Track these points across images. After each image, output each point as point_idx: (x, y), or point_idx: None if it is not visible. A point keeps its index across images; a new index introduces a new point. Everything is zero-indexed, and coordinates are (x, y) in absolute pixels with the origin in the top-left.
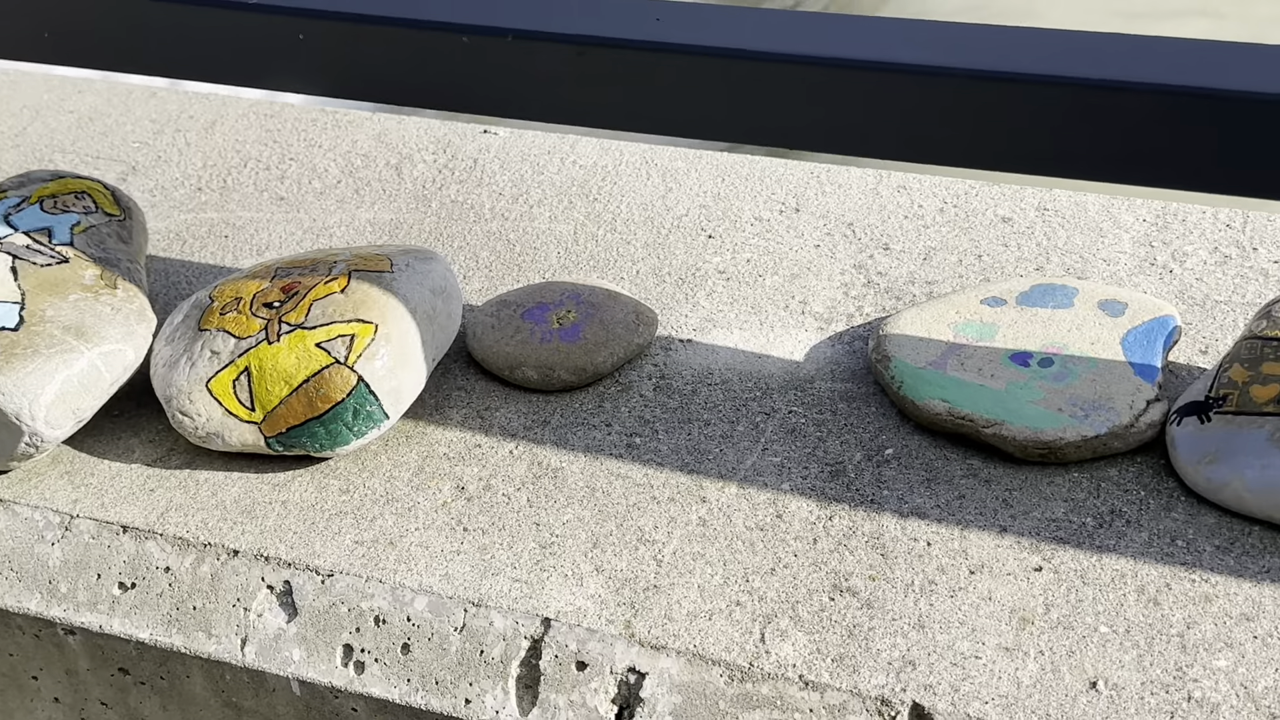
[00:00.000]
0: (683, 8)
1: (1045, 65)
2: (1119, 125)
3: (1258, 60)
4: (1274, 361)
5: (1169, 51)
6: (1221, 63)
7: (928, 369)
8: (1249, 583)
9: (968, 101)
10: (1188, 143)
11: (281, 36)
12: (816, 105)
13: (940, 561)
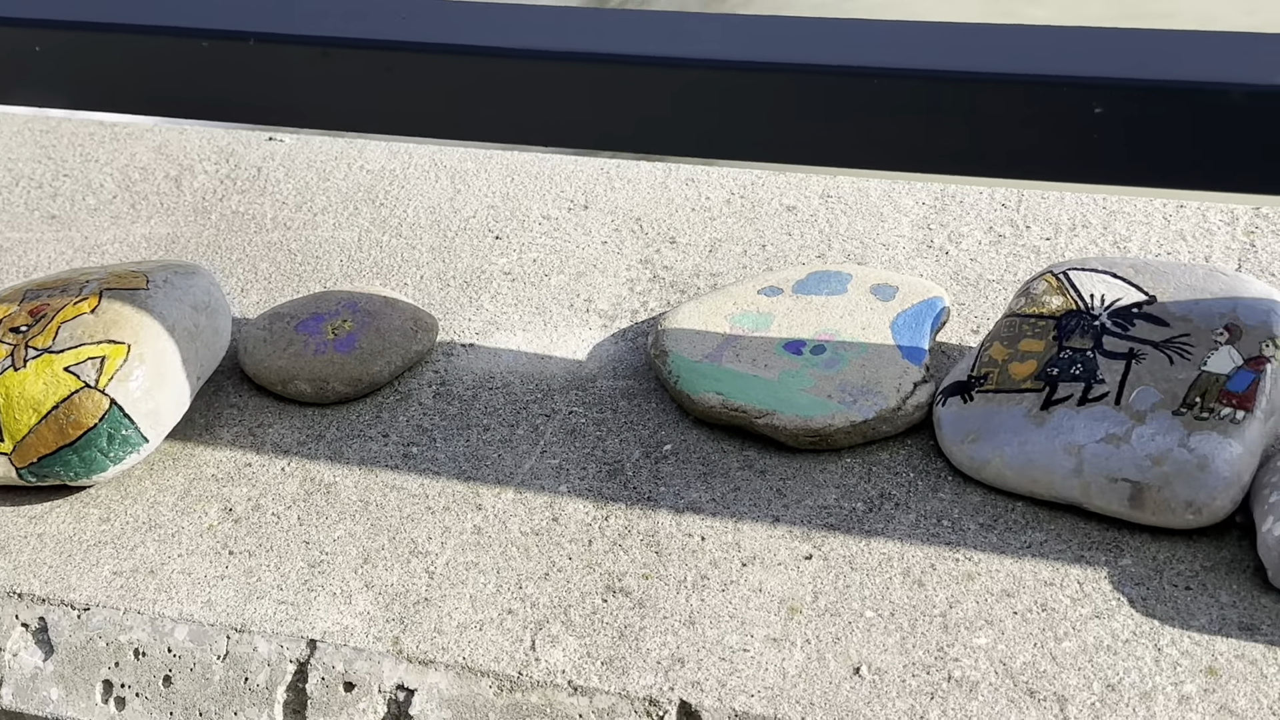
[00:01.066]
0: (433, 5)
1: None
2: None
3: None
4: (1032, 338)
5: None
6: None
7: (703, 362)
8: (1010, 559)
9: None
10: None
11: (16, 49)
12: (550, 102)
13: (714, 555)
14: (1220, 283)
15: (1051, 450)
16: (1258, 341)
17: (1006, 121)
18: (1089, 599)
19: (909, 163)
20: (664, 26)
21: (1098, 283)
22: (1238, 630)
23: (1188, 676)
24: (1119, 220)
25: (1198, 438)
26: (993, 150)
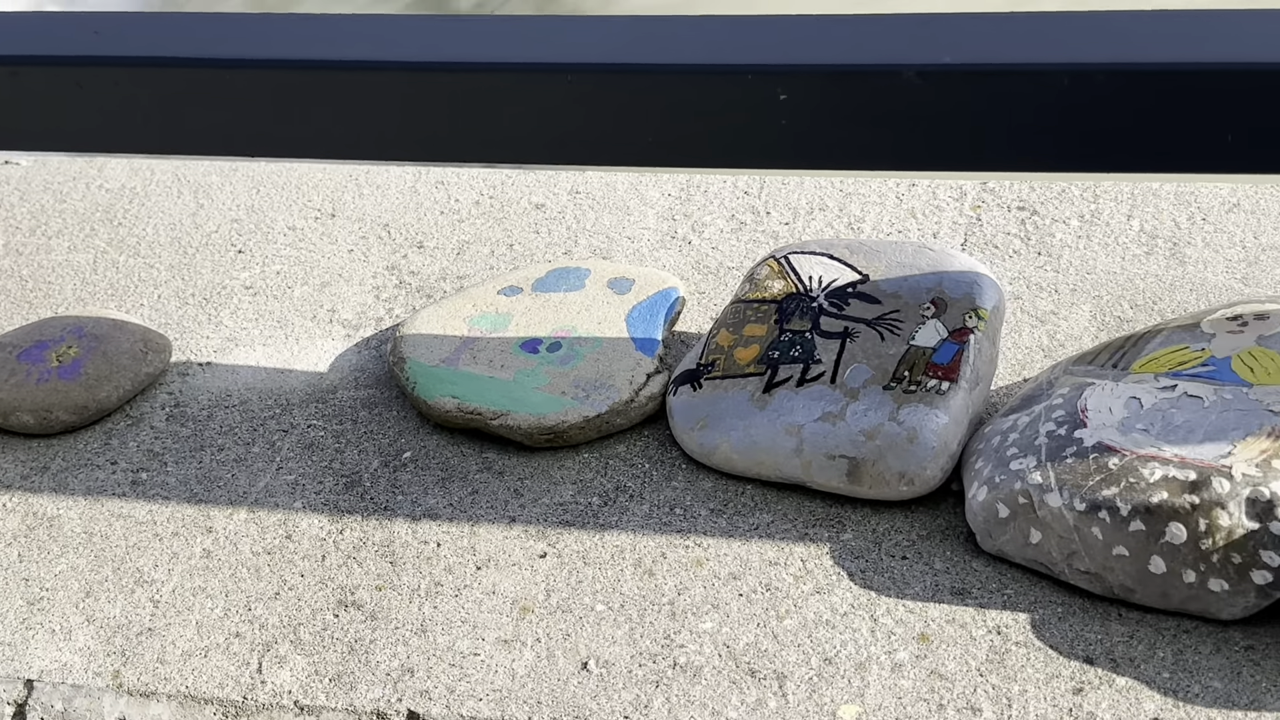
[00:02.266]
0: (120, 18)
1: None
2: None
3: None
4: (755, 323)
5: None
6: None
7: (440, 366)
8: (738, 542)
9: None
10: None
11: None
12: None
13: (449, 561)
14: (928, 258)
15: (774, 432)
16: (962, 314)
17: (694, 110)
18: (811, 576)
19: (590, 157)
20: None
21: (816, 265)
22: (950, 595)
23: (901, 644)
24: (854, 201)
25: (906, 410)
26: (681, 139)
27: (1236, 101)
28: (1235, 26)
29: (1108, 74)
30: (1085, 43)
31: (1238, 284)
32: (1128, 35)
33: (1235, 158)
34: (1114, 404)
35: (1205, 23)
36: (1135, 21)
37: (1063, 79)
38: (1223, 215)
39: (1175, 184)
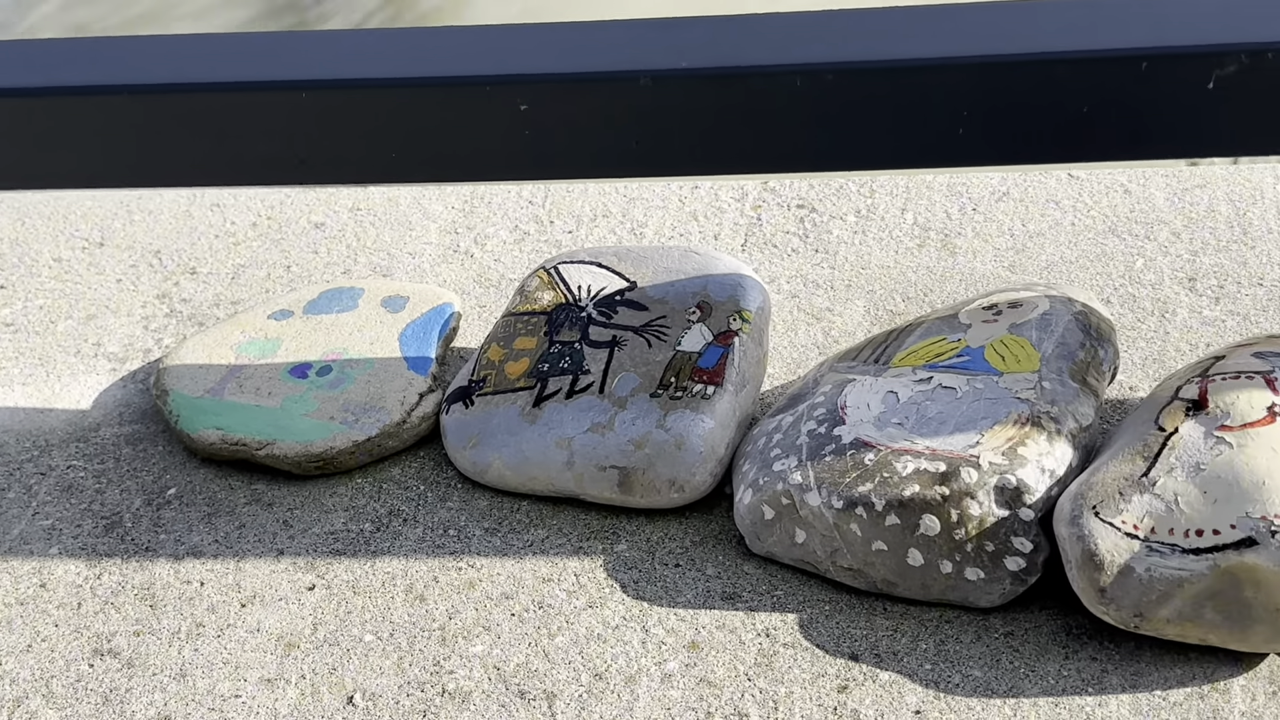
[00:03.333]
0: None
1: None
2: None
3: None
4: (526, 336)
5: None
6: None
7: (205, 397)
8: (512, 560)
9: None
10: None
11: None
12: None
13: (212, 600)
14: (694, 262)
15: (545, 446)
16: (726, 316)
17: (438, 122)
18: (584, 590)
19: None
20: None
21: (585, 274)
22: (721, 601)
23: (671, 654)
24: (637, 206)
25: (673, 417)
26: (431, 152)
27: (966, 94)
28: (960, 21)
29: (836, 73)
30: (815, 43)
31: (1005, 272)
32: (853, 34)
33: (968, 150)
34: (872, 399)
35: (928, 19)
36: (859, 20)
37: (795, 79)
38: (992, 205)
39: (948, 176)
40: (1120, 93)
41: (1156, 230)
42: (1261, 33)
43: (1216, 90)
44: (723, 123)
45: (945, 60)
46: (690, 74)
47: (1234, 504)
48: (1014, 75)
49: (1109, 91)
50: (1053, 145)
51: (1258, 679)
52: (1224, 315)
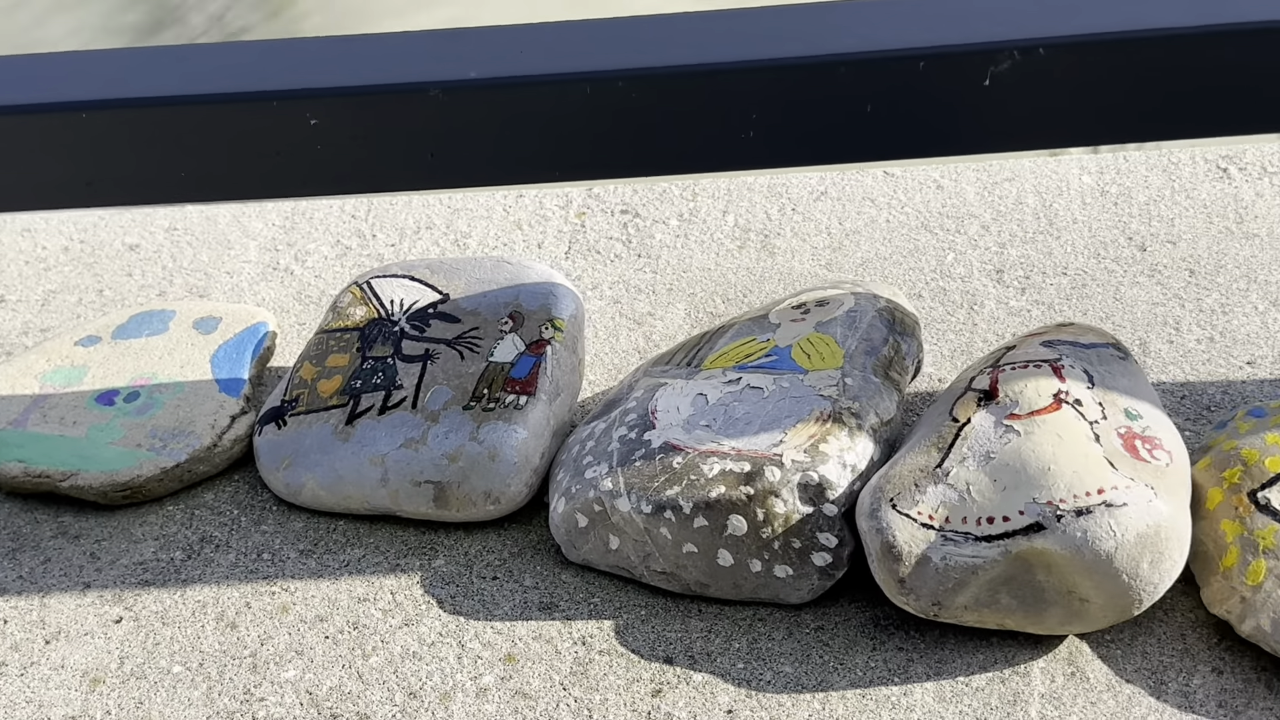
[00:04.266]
0: None
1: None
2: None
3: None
4: (338, 353)
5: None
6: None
7: (7, 429)
8: (327, 582)
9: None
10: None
11: None
12: None
13: (15, 638)
14: (507, 272)
15: (359, 464)
16: (538, 325)
17: (228, 139)
18: (400, 608)
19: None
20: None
21: (398, 288)
22: (538, 611)
23: (487, 668)
24: (461, 217)
25: (486, 429)
26: (220, 171)
27: (753, 98)
28: (744, 25)
29: (626, 79)
30: (605, 51)
31: (822, 270)
32: (643, 41)
33: (756, 153)
34: (682, 403)
35: (714, 24)
36: (649, 27)
37: (585, 87)
38: (811, 204)
39: (769, 177)
40: (901, 92)
41: (967, 224)
42: (1032, 29)
43: (993, 87)
44: (515, 131)
45: (731, 65)
46: (479, 84)
47: (1022, 490)
48: (798, 78)
49: (890, 91)
50: (839, 145)
51: (1056, 660)
52: (1029, 305)
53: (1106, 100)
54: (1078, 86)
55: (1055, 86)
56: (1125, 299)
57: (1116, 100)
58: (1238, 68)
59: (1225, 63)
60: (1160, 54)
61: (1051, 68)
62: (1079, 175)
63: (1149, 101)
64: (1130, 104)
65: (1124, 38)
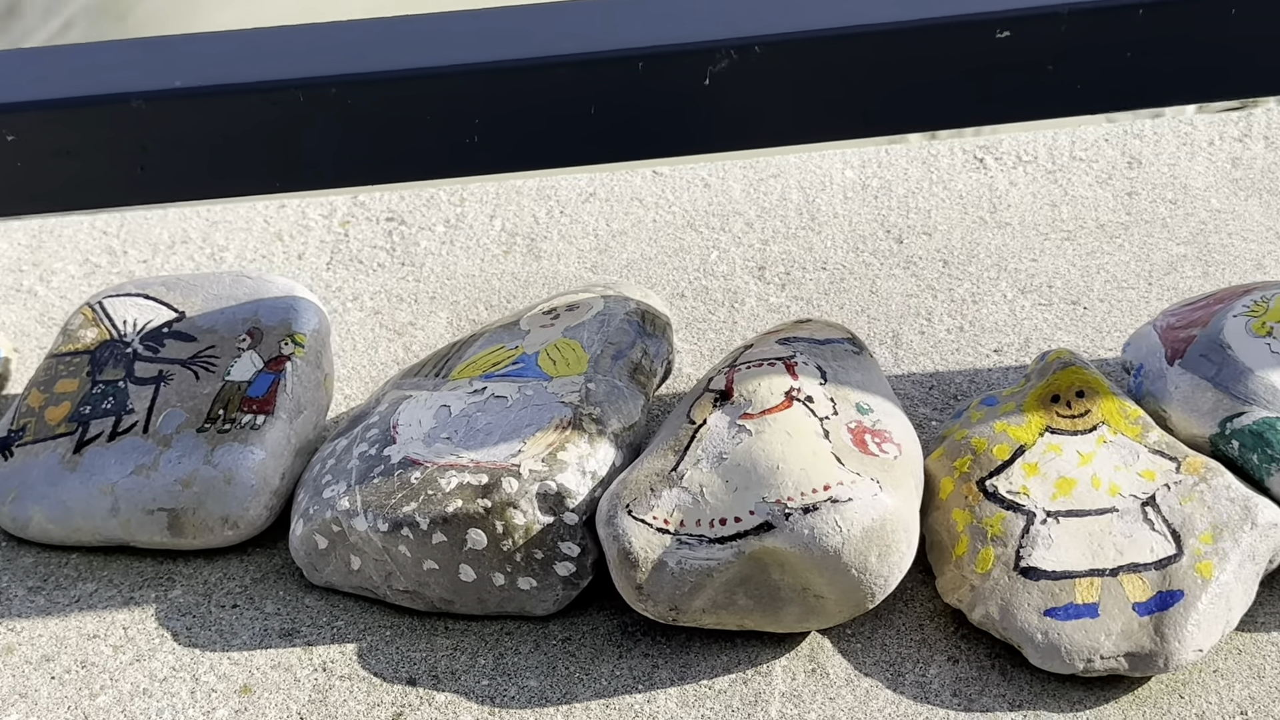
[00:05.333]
0: None
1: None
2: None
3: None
4: (68, 378)
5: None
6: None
7: None
8: (56, 619)
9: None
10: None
11: None
12: None
13: None
14: (246, 287)
15: (88, 494)
16: (278, 341)
17: None
18: (132, 643)
19: None
20: None
21: (131, 307)
22: (279, 638)
23: (221, 701)
24: (219, 230)
25: (221, 451)
26: None
27: (473, 102)
28: (460, 28)
29: (339, 85)
30: (318, 57)
31: (588, 273)
32: (358, 46)
33: (481, 158)
34: (424, 415)
35: (429, 27)
36: (365, 31)
37: (297, 95)
38: (579, 206)
39: (538, 180)
40: (622, 93)
41: (732, 221)
42: (746, 28)
43: (714, 86)
44: (227, 141)
45: (448, 69)
46: (185, 93)
47: (752, 490)
48: (518, 80)
49: (611, 92)
50: (565, 148)
51: (799, 658)
52: (789, 301)
53: (826, 96)
54: (796, 83)
55: (774, 84)
56: (880, 291)
57: (837, 96)
58: (949, 60)
59: (939, 56)
60: (874, 49)
61: (769, 66)
62: (841, 170)
63: (868, 96)
64: (851, 99)
65: (839, 34)
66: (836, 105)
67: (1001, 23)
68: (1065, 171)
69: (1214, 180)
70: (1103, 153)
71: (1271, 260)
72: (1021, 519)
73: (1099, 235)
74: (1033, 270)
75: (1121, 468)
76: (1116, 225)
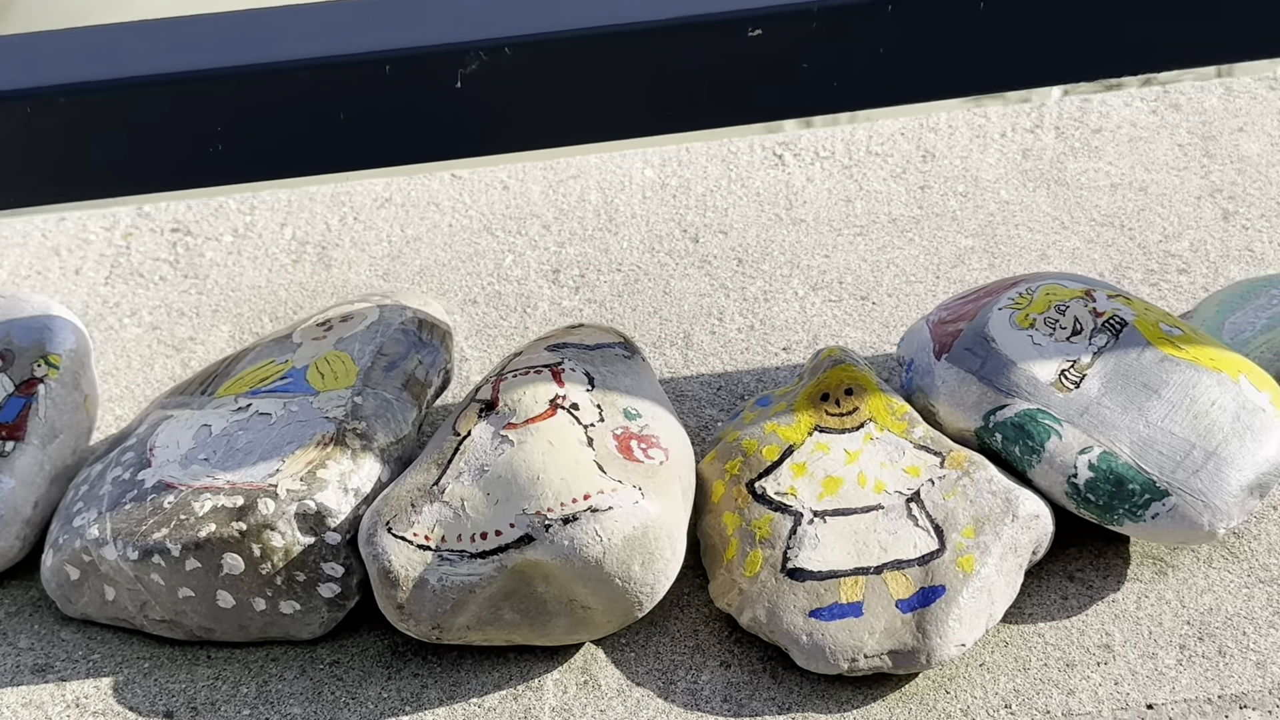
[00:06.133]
0: None
1: None
2: None
3: None
4: None
5: None
6: None
7: None
8: None
9: None
10: None
11: None
12: None
13: None
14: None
15: None
16: (30, 363)
17: None
18: None
19: None
20: None
21: None
22: (31, 674)
23: None
24: None
25: None
26: None
27: (216, 112)
28: (198, 32)
29: (68, 94)
30: (43, 67)
31: (379, 281)
32: (92, 53)
33: (232, 168)
34: (184, 436)
35: (172, 31)
36: (90, 39)
37: (24, 107)
38: (374, 212)
39: (332, 186)
40: (371, 98)
41: (529, 224)
42: (496, 29)
43: (466, 88)
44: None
45: (182, 75)
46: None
47: (513, 502)
48: (259, 85)
49: (359, 98)
50: (316, 154)
51: (571, 670)
52: (582, 304)
53: (580, 97)
54: (549, 85)
55: (527, 85)
56: (674, 291)
57: (591, 96)
58: (702, 59)
59: (691, 55)
60: (626, 48)
61: (521, 67)
62: (641, 169)
63: (622, 97)
64: (605, 100)
65: (590, 34)
66: (591, 106)
67: (753, 21)
68: (861, 166)
69: (1004, 172)
70: (898, 147)
71: (1055, 250)
72: (789, 520)
73: (891, 229)
74: (824, 266)
75: (887, 464)
76: (908, 219)
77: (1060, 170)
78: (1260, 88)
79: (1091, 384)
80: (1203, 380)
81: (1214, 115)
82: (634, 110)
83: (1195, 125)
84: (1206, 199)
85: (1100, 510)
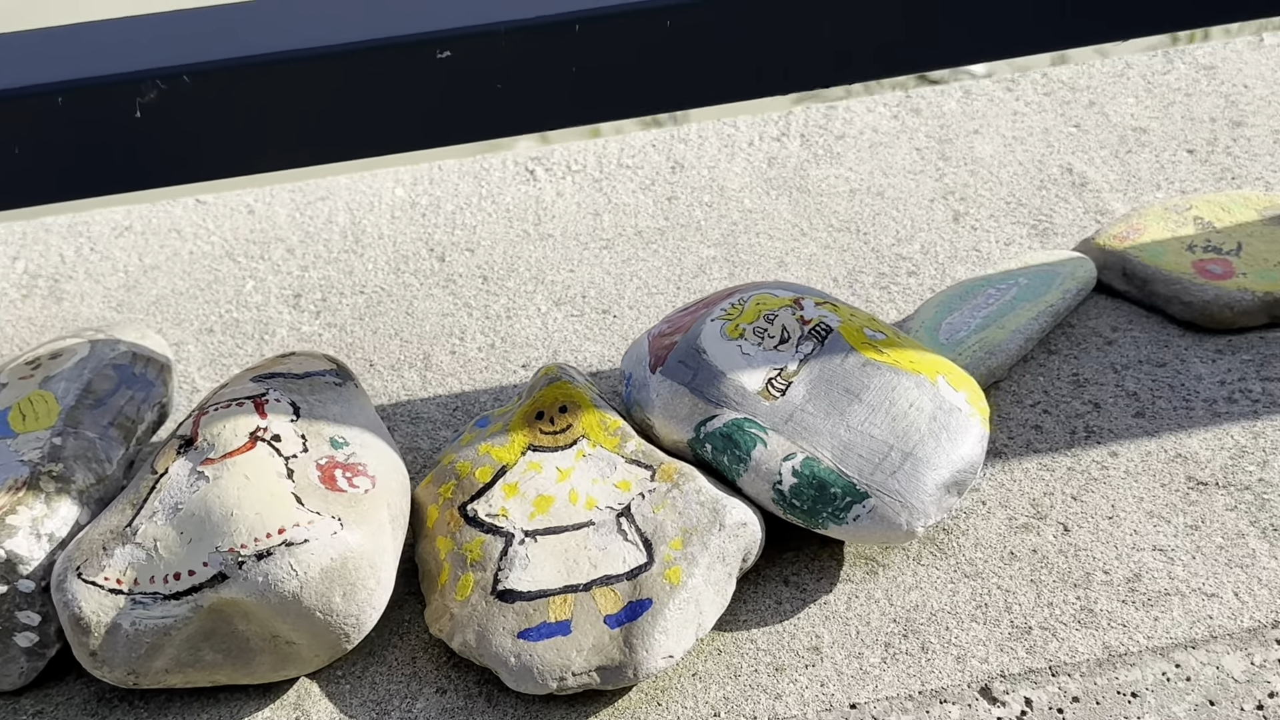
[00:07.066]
0: None
1: None
2: None
3: None
4: None
5: None
6: None
7: None
8: None
9: None
10: None
11: None
12: None
13: None
14: None
15: None
16: None
17: None
18: None
19: None
20: None
21: None
22: None
23: None
24: None
25: None
26: None
27: None
28: None
29: None
30: None
31: (112, 313)
32: None
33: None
34: None
35: None
36: None
37: None
38: (112, 241)
39: (70, 215)
40: (45, 130)
41: (273, 249)
42: (173, 57)
43: (148, 118)
44: None
45: None
46: None
47: (206, 540)
48: None
49: (31, 130)
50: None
51: (283, 707)
52: (323, 328)
53: (270, 124)
54: (233, 112)
55: (210, 113)
56: (417, 312)
57: (281, 123)
58: (395, 83)
59: (383, 78)
60: (311, 74)
61: (202, 95)
62: (392, 188)
63: (314, 122)
64: (299, 124)
65: (268, 60)
66: (279, 132)
67: (441, 43)
68: (611, 179)
69: (749, 180)
70: (649, 158)
71: (793, 257)
72: (500, 541)
73: (636, 242)
74: (569, 281)
75: (599, 480)
76: (654, 231)
77: (802, 178)
78: (998, 90)
79: (797, 391)
80: (902, 383)
81: (952, 119)
82: (324, 136)
83: (934, 129)
84: (939, 201)
85: (805, 515)
